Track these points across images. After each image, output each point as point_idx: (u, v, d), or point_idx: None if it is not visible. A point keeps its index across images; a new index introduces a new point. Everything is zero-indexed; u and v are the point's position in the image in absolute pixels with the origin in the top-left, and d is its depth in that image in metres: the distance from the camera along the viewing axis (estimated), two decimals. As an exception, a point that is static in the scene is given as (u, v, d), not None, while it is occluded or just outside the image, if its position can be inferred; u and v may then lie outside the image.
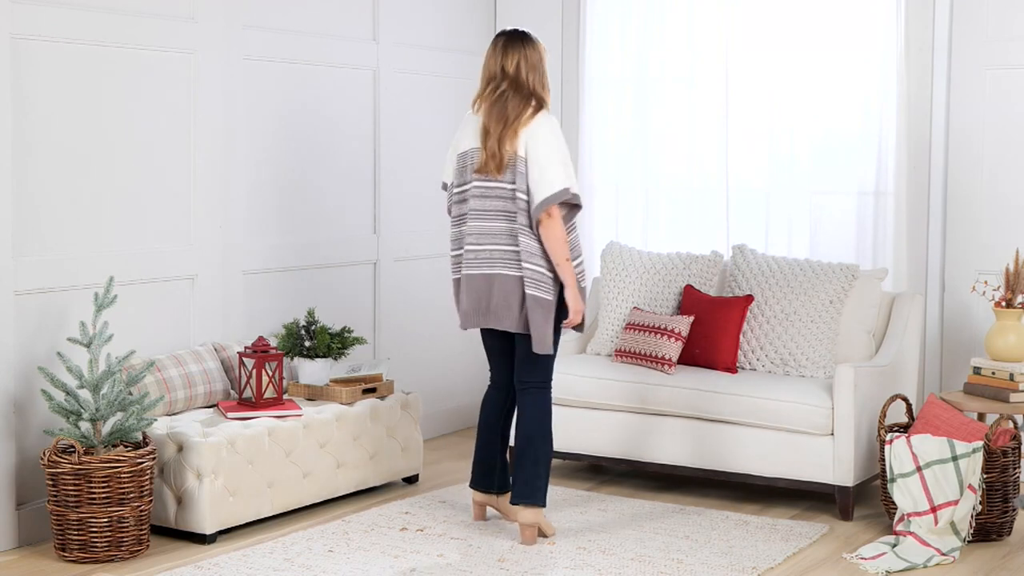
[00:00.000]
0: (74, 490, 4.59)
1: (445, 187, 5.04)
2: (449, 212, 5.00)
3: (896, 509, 4.99)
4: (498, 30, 6.98)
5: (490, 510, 5.23)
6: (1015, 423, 5.36)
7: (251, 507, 4.99)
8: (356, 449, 5.43)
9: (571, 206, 4.85)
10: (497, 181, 4.83)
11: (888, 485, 4.96)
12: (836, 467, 5.25)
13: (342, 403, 5.45)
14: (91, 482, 4.59)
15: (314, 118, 6.03)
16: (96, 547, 4.63)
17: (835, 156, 6.28)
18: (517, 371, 4.94)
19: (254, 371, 5.22)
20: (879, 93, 6.10)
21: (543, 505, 4.89)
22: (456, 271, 4.97)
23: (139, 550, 4.72)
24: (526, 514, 4.87)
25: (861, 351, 5.66)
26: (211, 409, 5.31)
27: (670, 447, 5.56)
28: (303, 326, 5.58)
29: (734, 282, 5.84)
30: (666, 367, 5.62)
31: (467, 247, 4.88)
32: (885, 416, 5.13)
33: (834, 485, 5.27)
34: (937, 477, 4.82)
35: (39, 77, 4.85)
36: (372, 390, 5.58)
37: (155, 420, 4.86)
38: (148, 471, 4.70)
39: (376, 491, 5.64)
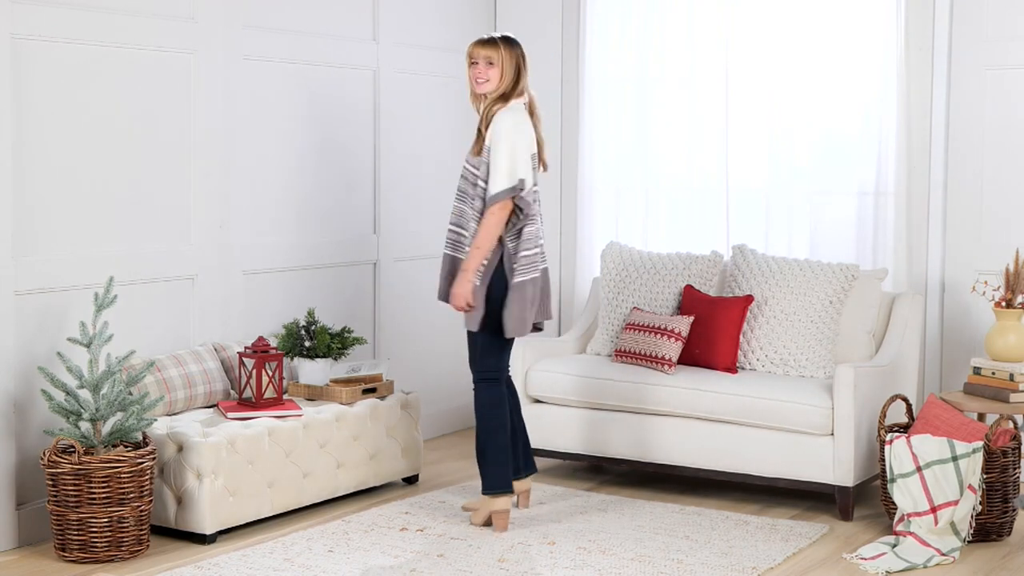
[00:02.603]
0: (74, 490, 4.59)
1: (522, 186, 4.94)
2: (523, 210, 4.97)
3: (896, 509, 4.99)
4: (498, 31, 7.00)
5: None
6: (1015, 423, 5.36)
7: (251, 507, 5.00)
8: (356, 449, 5.43)
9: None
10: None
11: (888, 485, 4.96)
12: (836, 467, 5.25)
13: (342, 403, 5.45)
14: (91, 482, 4.59)
15: (314, 118, 6.03)
16: (96, 547, 4.63)
17: (835, 156, 6.28)
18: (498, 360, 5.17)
19: (254, 371, 5.22)
20: (879, 93, 6.10)
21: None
22: (535, 269, 5.03)
23: (139, 550, 4.72)
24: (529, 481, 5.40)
25: (861, 351, 5.66)
26: (211, 409, 5.32)
27: (670, 447, 5.56)
28: (303, 326, 5.58)
29: (734, 282, 5.84)
30: (666, 367, 5.62)
31: (541, 245, 5.08)
32: (885, 416, 5.13)
33: (834, 485, 5.27)
34: (937, 477, 4.82)
35: (39, 77, 4.86)
36: (372, 390, 5.58)
37: (155, 420, 4.86)
38: (148, 471, 4.70)
39: (376, 491, 5.64)
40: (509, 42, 5.03)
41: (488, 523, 5.09)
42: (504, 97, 5.00)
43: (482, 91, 5.04)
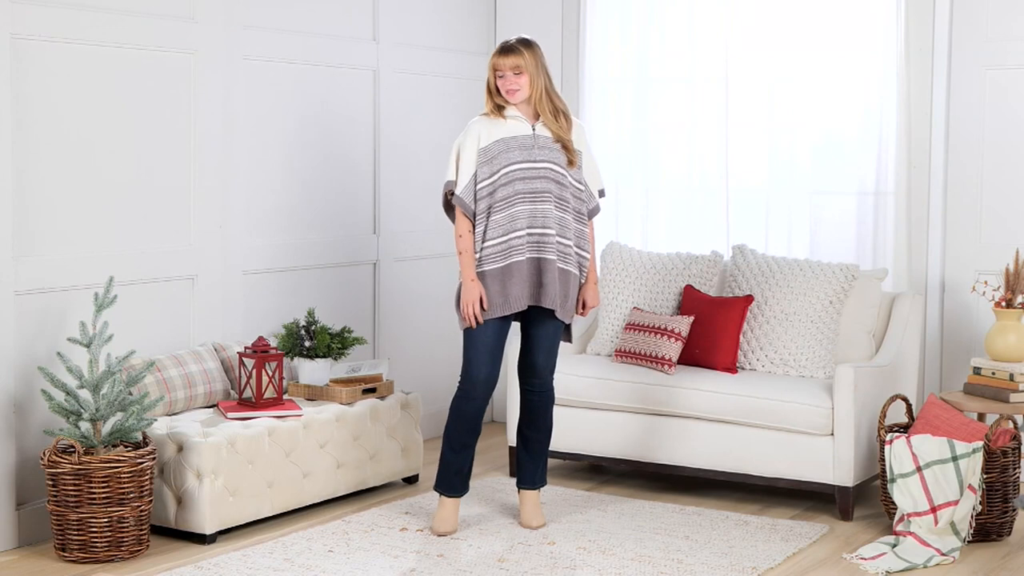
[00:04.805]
0: (74, 490, 4.59)
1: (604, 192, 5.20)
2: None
3: (896, 509, 4.99)
4: (498, 31, 7.01)
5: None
6: (1015, 423, 5.36)
7: (251, 507, 4.99)
8: (356, 449, 5.43)
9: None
10: None
11: (888, 485, 4.96)
12: (836, 467, 5.25)
13: (342, 403, 5.45)
14: (91, 482, 4.59)
15: (314, 118, 6.03)
16: (96, 547, 4.63)
17: (835, 156, 6.28)
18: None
19: (254, 371, 5.22)
20: (879, 93, 6.10)
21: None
22: None
23: (139, 550, 4.72)
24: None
25: (861, 351, 5.66)
26: (211, 409, 5.32)
27: (670, 447, 5.56)
28: (303, 326, 5.58)
29: (734, 282, 5.84)
30: (666, 367, 5.61)
31: None
32: (885, 416, 5.13)
33: (834, 485, 5.27)
34: (937, 477, 4.83)
35: (39, 77, 4.86)
36: (372, 390, 5.58)
37: (155, 420, 4.86)
38: (148, 471, 4.70)
39: (376, 491, 5.64)
40: (528, 44, 4.93)
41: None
42: (564, 109, 5.00)
43: (516, 100, 4.92)
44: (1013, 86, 5.87)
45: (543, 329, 5.02)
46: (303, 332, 5.56)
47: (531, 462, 5.14)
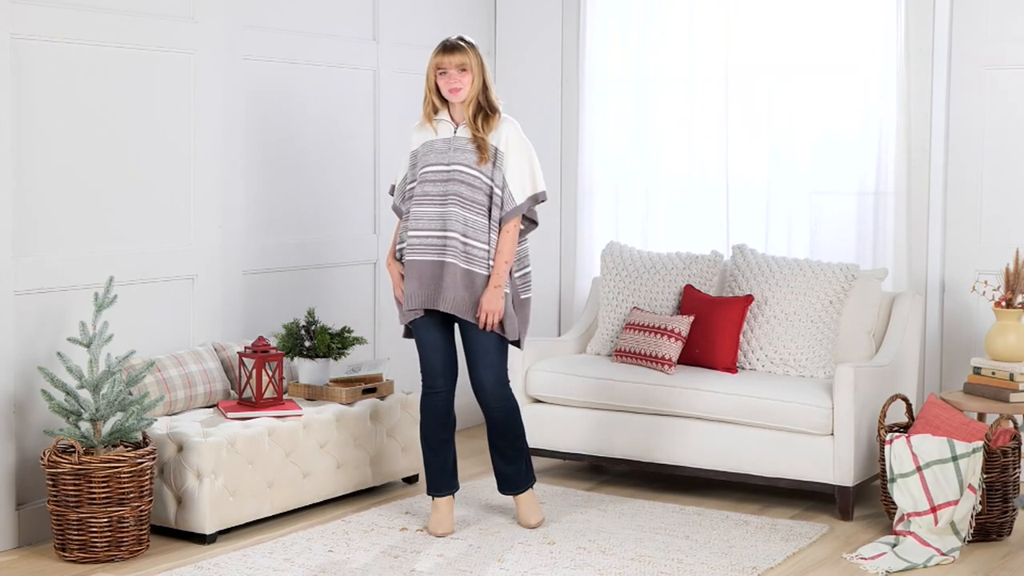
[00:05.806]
0: (74, 490, 4.59)
1: (544, 197, 4.97)
2: (535, 220, 5.06)
3: (896, 509, 4.99)
4: (498, 31, 7.01)
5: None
6: (1015, 423, 5.36)
7: (251, 507, 5.00)
8: (356, 449, 5.43)
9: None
10: None
11: (888, 485, 4.96)
12: (836, 467, 5.25)
13: (342, 403, 5.45)
14: (91, 482, 4.59)
15: (314, 118, 6.04)
16: (96, 547, 4.63)
17: (835, 156, 6.27)
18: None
19: (254, 371, 5.22)
20: (879, 93, 6.10)
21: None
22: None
23: (139, 550, 4.72)
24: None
25: (861, 351, 5.66)
26: (211, 409, 5.32)
27: (670, 447, 5.56)
28: (303, 326, 5.58)
29: (734, 282, 5.84)
30: (666, 367, 5.61)
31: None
32: (885, 416, 5.13)
33: (834, 485, 5.27)
34: (937, 477, 4.83)
35: (39, 77, 4.86)
36: (372, 390, 5.58)
37: (155, 420, 4.86)
38: (148, 471, 4.70)
39: (376, 491, 5.64)
40: (471, 44, 4.91)
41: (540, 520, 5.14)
42: (492, 106, 4.91)
43: (459, 99, 4.88)
44: (1013, 86, 5.87)
45: (477, 342, 4.95)
46: (303, 332, 5.56)
47: (510, 468, 5.10)
